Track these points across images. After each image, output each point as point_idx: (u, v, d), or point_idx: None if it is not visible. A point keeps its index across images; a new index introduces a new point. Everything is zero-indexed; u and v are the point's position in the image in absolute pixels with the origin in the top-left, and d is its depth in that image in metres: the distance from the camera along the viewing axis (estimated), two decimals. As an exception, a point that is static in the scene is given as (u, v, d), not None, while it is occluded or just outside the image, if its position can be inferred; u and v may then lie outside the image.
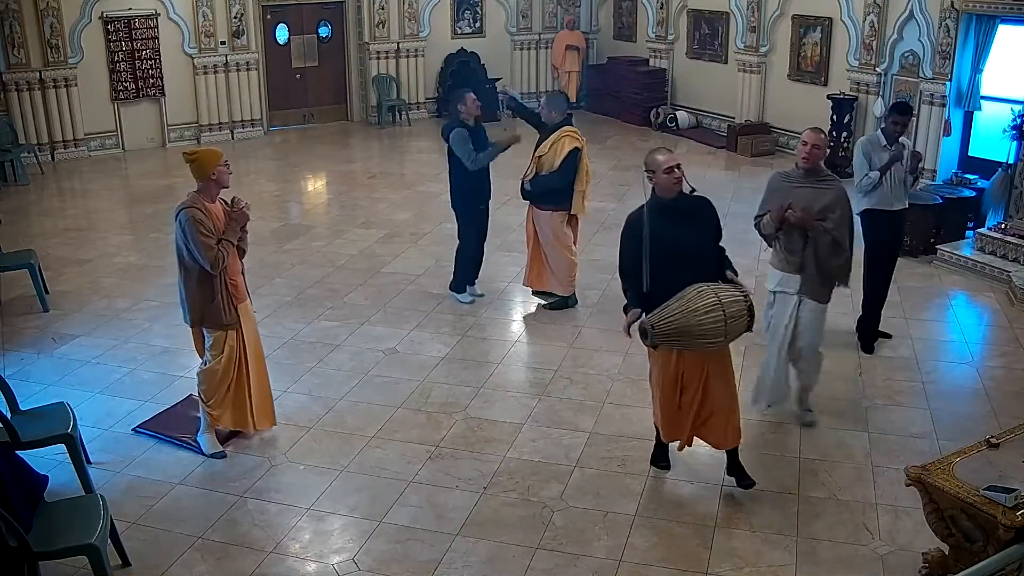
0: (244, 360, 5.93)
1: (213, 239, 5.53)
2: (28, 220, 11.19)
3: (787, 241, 5.96)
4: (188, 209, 5.53)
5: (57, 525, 4.53)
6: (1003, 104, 10.54)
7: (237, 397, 5.96)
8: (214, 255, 5.51)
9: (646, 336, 5.02)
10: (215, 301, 5.65)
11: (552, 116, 7.88)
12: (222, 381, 5.85)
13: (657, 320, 4.96)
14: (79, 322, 8.07)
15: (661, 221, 5.15)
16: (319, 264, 9.48)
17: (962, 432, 5.99)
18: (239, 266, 5.86)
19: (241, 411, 6.00)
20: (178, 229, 5.56)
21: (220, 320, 5.71)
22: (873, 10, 12.25)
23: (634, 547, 5.07)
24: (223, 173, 5.67)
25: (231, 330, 5.80)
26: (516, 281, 8.81)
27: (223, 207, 5.75)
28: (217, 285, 5.64)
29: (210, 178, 5.62)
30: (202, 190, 5.65)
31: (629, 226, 5.32)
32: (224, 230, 5.63)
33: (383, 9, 15.90)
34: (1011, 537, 3.98)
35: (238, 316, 5.81)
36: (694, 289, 4.99)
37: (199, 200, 5.61)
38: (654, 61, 16.56)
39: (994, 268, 8.90)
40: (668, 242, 5.11)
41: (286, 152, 14.63)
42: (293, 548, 5.08)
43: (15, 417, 5.45)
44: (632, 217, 5.33)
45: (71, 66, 13.56)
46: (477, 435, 6.21)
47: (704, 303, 4.92)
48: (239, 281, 5.84)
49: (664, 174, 5.20)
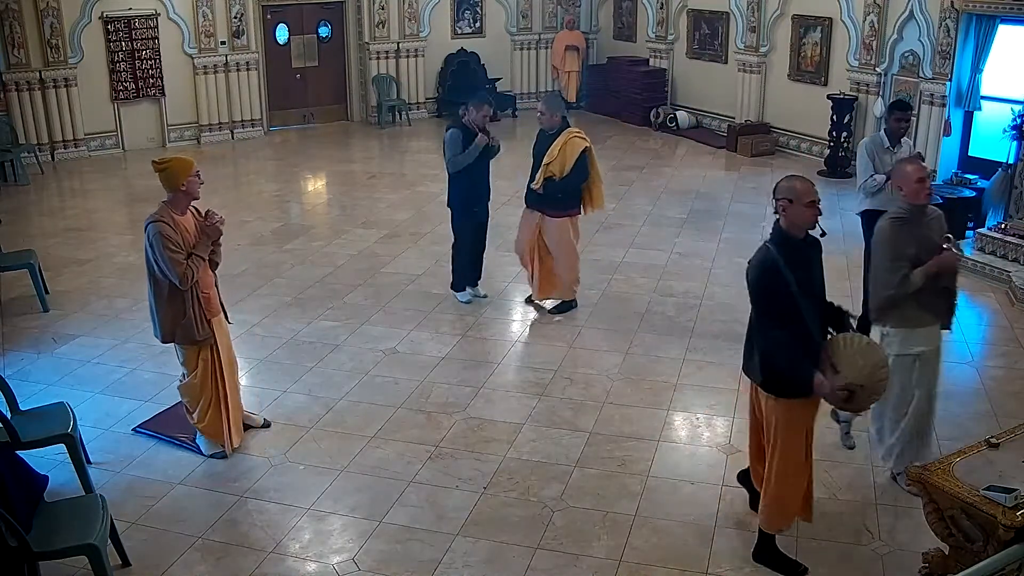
0: (219, 375, 5.81)
1: (182, 254, 5.36)
2: (28, 220, 11.19)
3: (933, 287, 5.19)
4: (155, 223, 5.35)
5: (57, 525, 4.53)
6: (1003, 104, 10.54)
7: (214, 413, 5.84)
8: (182, 270, 5.34)
9: (851, 400, 4.42)
10: (186, 316, 5.52)
11: (553, 120, 7.81)
12: (202, 395, 5.78)
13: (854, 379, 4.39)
14: (79, 322, 8.07)
15: (796, 265, 4.45)
16: (319, 264, 9.48)
17: (962, 432, 6.00)
18: (211, 279, 5.73)
19: (216, 427, 5.88)
20: (146, 243, 5.39)
21: (192, 336, 5.58)
22: (873, 10, 12.25)
23: (634, 547, 5.07)
24: (193, 184, 5.47)
25: (204, 345, 5.69)
26: (516, 281, 8.80)
27: (196, 219, 5.59)
28: (188, 300, 5.50)
29: (180, 189, 5.43)
30: (171, 201, 5.46)
31: (768, 277, 4.45)
32: (195, 244, 5.46)
33: (383, 9, 15.90)
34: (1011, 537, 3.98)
35: (212, 331, 5.68)
36: (859, 341, 4.50)
37: (167, 212, 5.42)
38: (654, 61, 16.57)
39: (994, 268, 8.90)
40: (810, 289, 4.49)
41: (286, 152, 14.63)
42: (293, 548, 5.08)
43: (15, 417, 5.45)
44: (766, 264, 4.47)
45: (71, 66, 13.57)
46: (477, 435, 6.21)
47: (880, 358, 4.50)
48: (211, 295, 5.70)
49: (806, 207, 4.45)
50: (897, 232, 5.18)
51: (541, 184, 7.74)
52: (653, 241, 9.87)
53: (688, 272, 9.14)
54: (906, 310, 5.21)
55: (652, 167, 13.46)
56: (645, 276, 8.85)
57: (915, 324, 5.26)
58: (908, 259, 5.11)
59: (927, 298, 5.19)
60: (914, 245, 5.14)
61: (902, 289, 5.10)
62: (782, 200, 4.50)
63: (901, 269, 5.09)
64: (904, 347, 5.30)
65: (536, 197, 7.88)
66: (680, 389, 6.82)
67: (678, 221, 10.70)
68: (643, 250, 9.39)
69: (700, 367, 7.11)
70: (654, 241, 9.89)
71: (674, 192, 11.98)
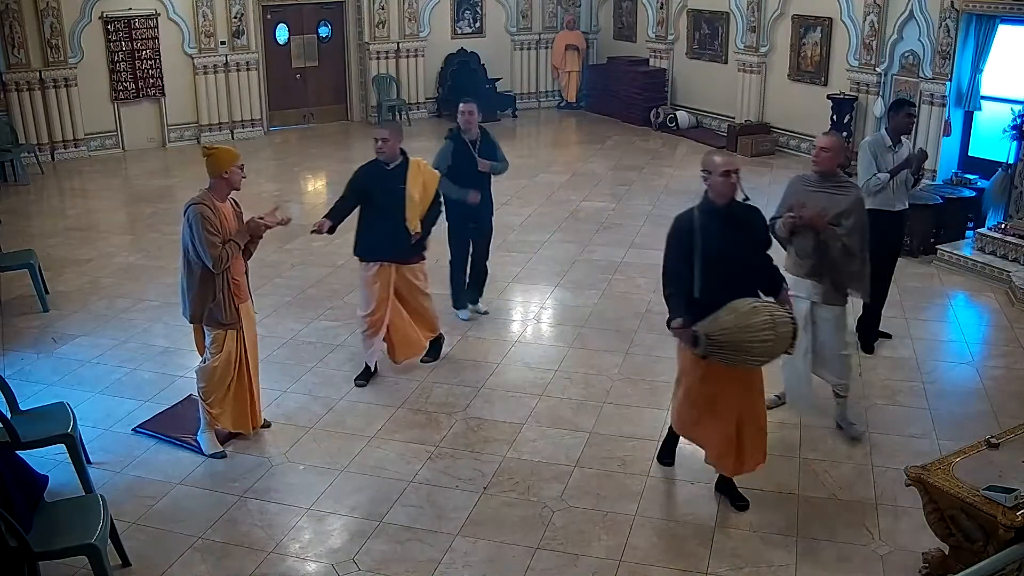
0: (245, 361, 5.92)
1: (219, 237, 5.52)
2: (28, 220, 11.19)
3: (799, 245, 5.89)
4: (197, 205, 5.53)
5: (57, 525, 4.53)
6: (1003, 104, 10.54)
7: (238, 399, 5.95)
8: (218, 253, 5.50)
9: (697, 344, 4.87)
10: (216, 299, 5.65)
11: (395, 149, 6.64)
12: (221, 380, 5.83)
13: (709, 331, 4.82)
14: (79, 322, 8.07)
15: (711, 226, 4.99)
16: (319, 264, 9.48)
17: (962, 432, 6.00)
18: (243, 267, 5.85)
19: (242, 413, 6.00)
20: (185, 224, 5.54)
21: (219, 319, 5.70)
22: (873, 10, 12.25)
23: (634, 547, 5.07)
24: (236, 174, 5.67)
25: (231, 330, 5.78)
26: (516, 281, 8.81)
27: (235, 209, 5.77)
28: (219, 283, 5.63)
29: (222, 176, 5.62)
30: (213, 187, 5.65)
31: (678, 229, 5.09)
32: (235, 232, 5.64)
33: (383, 9, 15.90)
34: (1011, 537, 3.98)
35: (239, 316, 5.80)
36: (747, 304, 4.86)
37: (209, 197, 5.61)
38: (654, 61, 16.57)
39: (994, 268, 8.90)
40: (717, 249, 4.95)
41: (286, 152, 14.63)
42: (293, 548, 5.08)
43: (15, 417, 5.44)
44: (682, 219, 5.10)
45: (71, 66, 13.56)
46: (477, 435, 6.21)
47: (758, 321, 4.79)
48: (241, 281, 5.82)
49: (720, 176, 5.00)
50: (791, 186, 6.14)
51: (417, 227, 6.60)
52: (653, 241, 9.84)
53: (688, 272, 9.13)
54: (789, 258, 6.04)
55: (652, 167, 13.46)
56: (645, 276, 8.84)
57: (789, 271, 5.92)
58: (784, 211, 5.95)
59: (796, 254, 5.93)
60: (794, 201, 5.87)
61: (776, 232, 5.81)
62: (703, 172, 5.09)
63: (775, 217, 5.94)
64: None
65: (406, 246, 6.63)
66: (680, 389, 6.81)
67: (678, 221, 10.70)
68: (643, 250, 9.38)
69: (700, 367, 7.10)
70: (654, 241, 9.84)
71: (674, 192, 11.97)
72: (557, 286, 8.83)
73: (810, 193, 5.90)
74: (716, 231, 4.98)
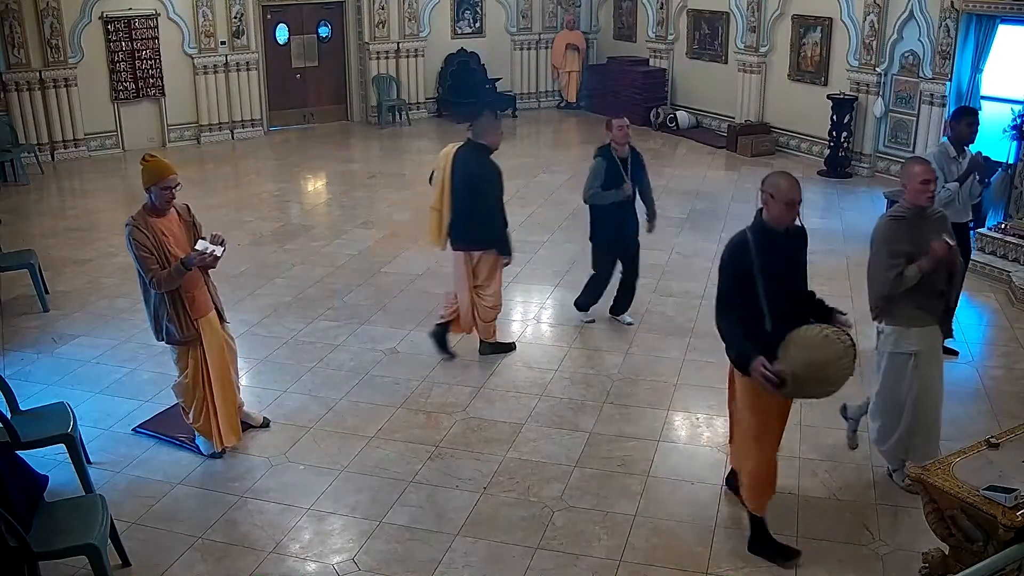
0: (206, 375, 5.76)
1: (153, 258, 5.30)
2: (28, 220, 11.19)
3: (930, 286, 5.20)
4: (128, 227, 5.33)
5: (57, 525, 4.53)
6: (1003, 104, 10.54)
7: (224, 412, 5.84)
8: (153, 277, 5.30)
9: (784, 386, 4.50)
10: (169, 316, 5.50)
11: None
12: (194, 395, 5.77)
13: (796, 369, 4.49)
14: (79, 322, 8.07)
15: (770, 252, 4.60)
16: (319, 264, 9.48)
17: (962, 432, 5.99)
18: (199, 280, 5.62)
19: (231, 426, 5.89)
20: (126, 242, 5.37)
21: (175, 335, 5.57)
22: (873, 10, 12.25)
23: (634, 547, 5.07)
24: (161, 196, 5.33)
25: (192, 345, 5.67)
26: (516, 281, 8.80)
27: (182, 218, 5.53)
28: (171, 300, 5.47)
29: (147, 190, 5.37)
30: (145, 203, 5.42)
31: (736, 257, 4.65)
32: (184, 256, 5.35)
33: (383, 9, 15.90)
34: (1011, 537, 3.97)
35: (197, 331, 5.63)
36: (817, 334, 4.55)
37: (141, 216, 5.37)
38: (654, 61, 16.57)
39: (994, 268, 8.90)
40: (776, 275, 4.60)
41: (286, 152, 14.62)
42: (293, 548, 5.08)
43: (15, 417, 5.45)
44: (738, 245, 4.66)
45: (71, 66, 13.57)
46: (477, 435, 6.21)
47: (837, 349, 4.51)
48: (197, 296, 5.60)
49: (783, 204, 4.57)
50: (895, 230, 5.21)
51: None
52: (653, 241, 9.83)
53: (688, 272, 9.14)
54: (901, 308, 5.24)
55: (652, 167, 13.22)
56: (645, 276, 8.82)
57: (909, 323, 5.26)
58: (903, 256, 5.13)
59: (923, 298, 5.21)
60: (910, 244, 5.15)
61: (896, 286, 5.14)
62: (766, 193, 4.63)
63: (896, 267, 5.13)
64: (898, 345, 5.33)
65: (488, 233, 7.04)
66: (680, 389, 6.82)
67: (678, 221, 10.71)
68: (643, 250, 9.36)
69: (700, 367, 7.10)
70: (654, 241, 9.86)
71: (674, 192, 11.98)
72: (557, 286, 8.83)
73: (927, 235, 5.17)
74: (775, 257, 4.62)
